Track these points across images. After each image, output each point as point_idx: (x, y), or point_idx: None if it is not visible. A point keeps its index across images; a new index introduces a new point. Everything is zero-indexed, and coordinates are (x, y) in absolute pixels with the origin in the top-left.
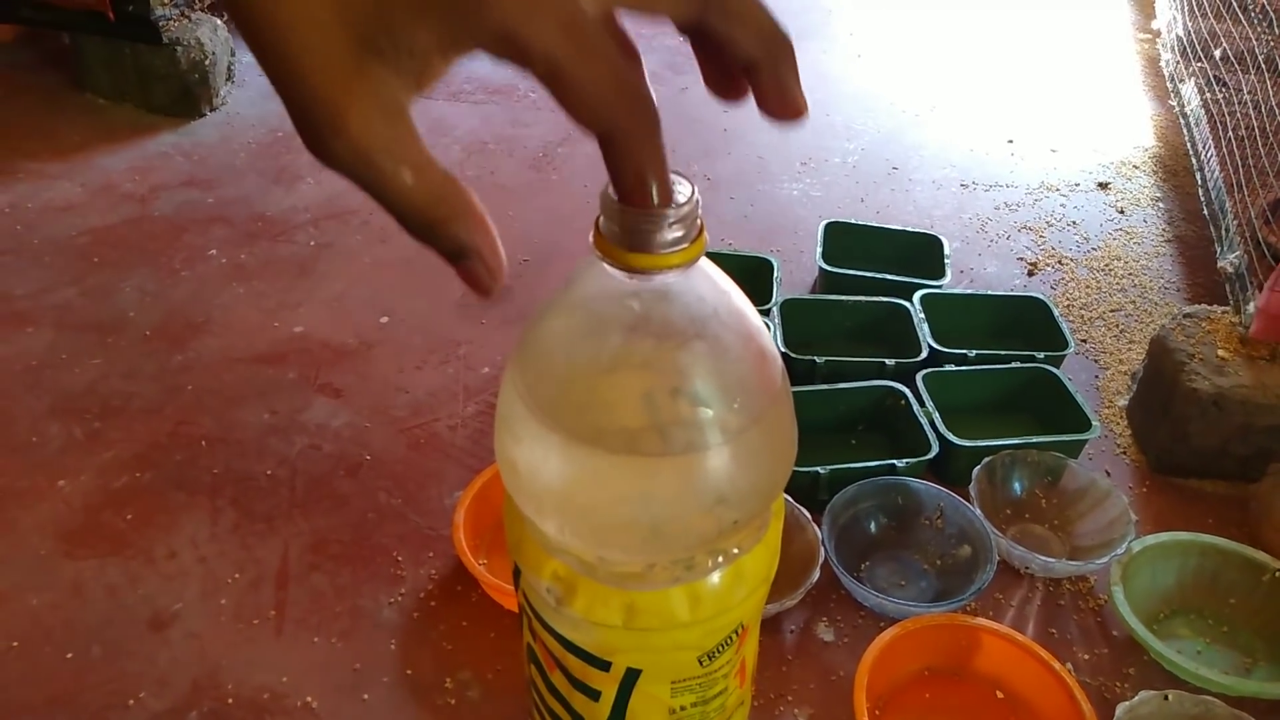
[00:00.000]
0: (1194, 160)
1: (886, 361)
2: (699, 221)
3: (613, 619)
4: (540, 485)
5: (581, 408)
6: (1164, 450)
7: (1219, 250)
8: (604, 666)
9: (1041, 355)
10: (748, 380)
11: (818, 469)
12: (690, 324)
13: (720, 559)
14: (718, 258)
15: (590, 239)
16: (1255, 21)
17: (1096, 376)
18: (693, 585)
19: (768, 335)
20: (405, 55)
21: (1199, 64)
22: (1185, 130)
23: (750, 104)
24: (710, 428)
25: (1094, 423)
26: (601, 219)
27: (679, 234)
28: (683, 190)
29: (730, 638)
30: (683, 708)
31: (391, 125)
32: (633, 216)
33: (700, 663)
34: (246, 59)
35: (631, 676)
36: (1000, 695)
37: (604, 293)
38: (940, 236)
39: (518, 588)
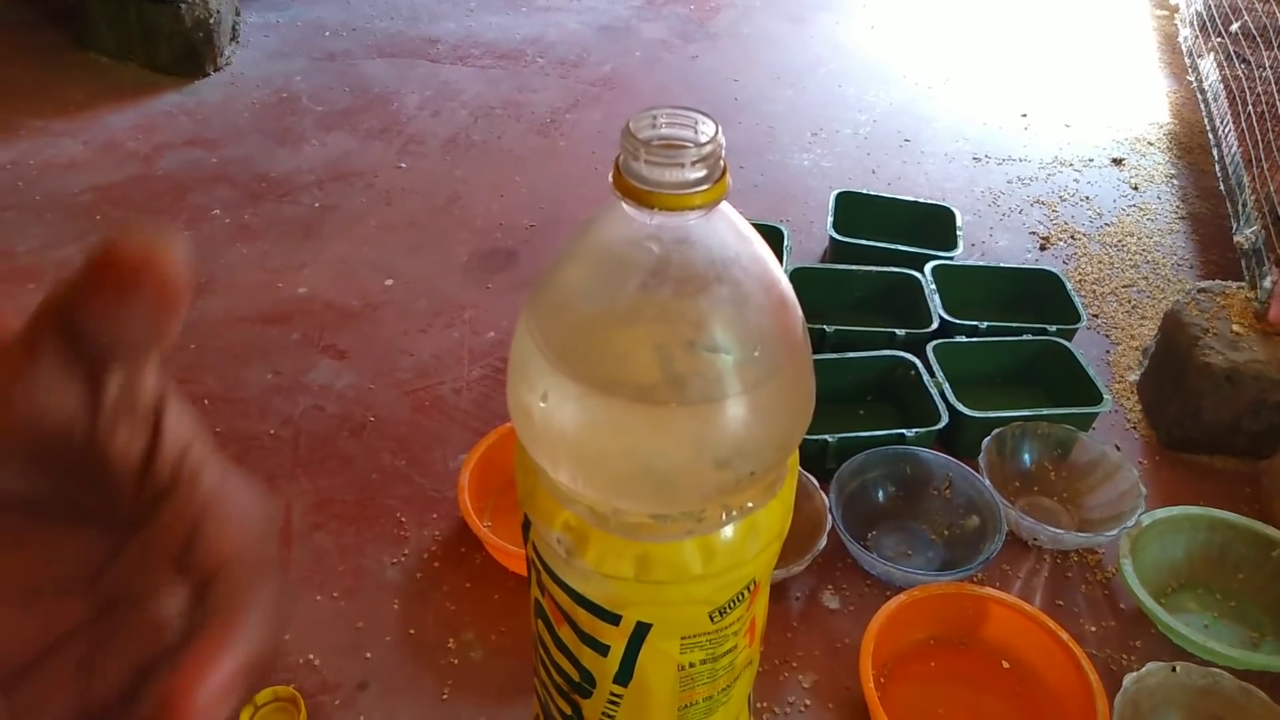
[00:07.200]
0: (1211, 135)
1: (897, 332)
2: (722, 163)
3: (624, 571)
4: (554, 433)
5: (598, 354)
6: (1175, 425)
7: (1235, 225)
8: (614, 620)
9: (1053, 328)
10: (768, 328)
11: (826, 437)
12: (711, 268)
13: (735, 512)
14: None
15: (610, 179)
16: None
17: (1107, 351)
18: (706, 538)
19: (789, 285)
20: None
21: (1218, 39)
22: (1202, 105)
23: (763, 73)
24: (730, 375)
25: (1105, 395)
26: (622, 157)
27: (701, 174)
28: (705, 129)
29: (742, 594)
30: (692, 664)
31: None
32: (656, 153)
33: (711, 618)
34: (252, 19)
35: (641, 631)
36: (1006, 665)
37: (623, 235)
38: (952, 208)
39: (527, 540)
